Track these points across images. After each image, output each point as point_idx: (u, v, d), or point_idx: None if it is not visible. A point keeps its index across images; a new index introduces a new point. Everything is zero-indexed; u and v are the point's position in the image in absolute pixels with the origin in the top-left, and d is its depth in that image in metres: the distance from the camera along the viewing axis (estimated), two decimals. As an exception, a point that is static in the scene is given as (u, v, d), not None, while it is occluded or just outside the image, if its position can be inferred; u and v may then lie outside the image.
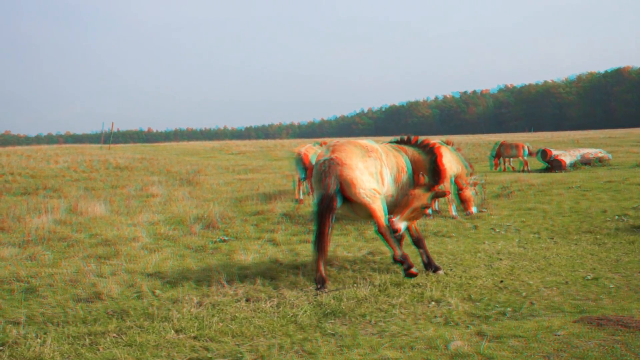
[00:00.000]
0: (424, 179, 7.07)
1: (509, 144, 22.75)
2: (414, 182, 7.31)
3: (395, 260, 6.98)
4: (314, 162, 7.62)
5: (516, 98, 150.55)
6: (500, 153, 22.81)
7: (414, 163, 7.40)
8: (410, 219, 7.06)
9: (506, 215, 11.68)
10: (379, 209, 6.83)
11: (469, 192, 11.45)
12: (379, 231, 6.87)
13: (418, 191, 7.06)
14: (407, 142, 7.74)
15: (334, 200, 6.65)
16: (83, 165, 26.86)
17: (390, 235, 6.83)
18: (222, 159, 35.81)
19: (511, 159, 23.33)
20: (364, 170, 6.79)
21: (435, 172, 7.25)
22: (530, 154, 22.63)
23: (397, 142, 7.84)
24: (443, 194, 7.68)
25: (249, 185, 19.10)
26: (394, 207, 7.27)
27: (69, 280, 7.12)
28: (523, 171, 21.78)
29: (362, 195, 6.72)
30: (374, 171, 6.90)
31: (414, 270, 6.84)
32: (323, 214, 6.62)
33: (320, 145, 15.36)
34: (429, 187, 7.14)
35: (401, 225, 6.89)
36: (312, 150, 14.64)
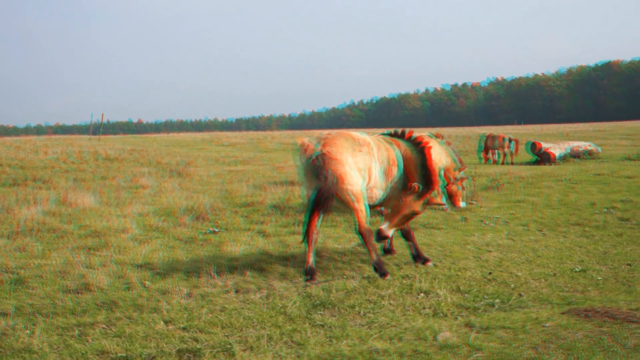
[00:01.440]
0: (417, 187, 6.85)
1: (494, 136, 23.06)
2: (404, 179, 7.15)
3: (374, 265, 6.81)
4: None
5: (506, 91, 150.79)
6: (487, 146, 23.08)
7: (404, 160, 7.18)
8: (399, 225, 7.00)
9: (495, 208, 11.74)
10: (362, 209, 6.67)
11: (454, 187, 11.47)
12: (359, 231, 6.72)
13: (410, 198, 6.90)
14: (401, 136, 7.50)
15: (331, 195, 6.50)
16: (72, 157, 26.64)
17: (370, 237, 6.70)
18: (212, 151, 35.65)
19: (496, 150, 23.60)
20: (353, 165, 6.65)
21: (426, 176, 6.99)
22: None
23: (390, 134, 7.64)
24: (439, 204, 7.59)
25: (239, 176, 19.05)
26: (384, 201, 7.24)
27: (58, 271, 7.09)
28: (511, 164, 21.88)
29: (348, 193, 6.60)
30: (363, 167, 6.73)
31: (388, 277, 6.67)
32: (318, 206, 6.52)
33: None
34: (420, 195, 6.95)
35: (390, 232, 6.85)
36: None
